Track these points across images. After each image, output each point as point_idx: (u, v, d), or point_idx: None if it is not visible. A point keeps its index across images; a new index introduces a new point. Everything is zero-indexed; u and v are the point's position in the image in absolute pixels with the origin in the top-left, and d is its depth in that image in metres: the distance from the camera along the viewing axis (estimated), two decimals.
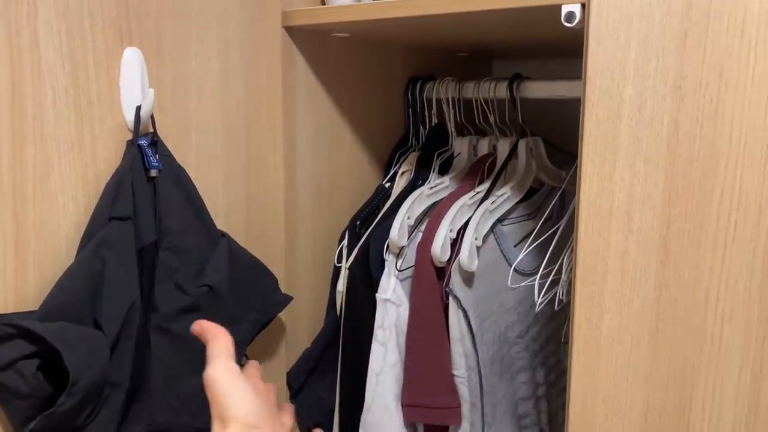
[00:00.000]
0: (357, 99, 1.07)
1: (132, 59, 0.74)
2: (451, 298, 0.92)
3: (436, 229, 0.93)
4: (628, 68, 0.64)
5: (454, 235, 0.93)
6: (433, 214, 0.96)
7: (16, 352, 0.62)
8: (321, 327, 1.04)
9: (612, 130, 0.65)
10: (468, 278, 0.93)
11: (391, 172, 1.10)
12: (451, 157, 1.11)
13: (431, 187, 1.01)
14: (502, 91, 1.05)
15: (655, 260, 0.65)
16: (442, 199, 1.01)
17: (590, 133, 0.67)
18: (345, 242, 1.02)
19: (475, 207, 0.97)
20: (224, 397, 0.57)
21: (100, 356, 0.66)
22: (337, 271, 1.03)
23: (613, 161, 0.66)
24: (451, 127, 1.12)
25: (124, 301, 0.69)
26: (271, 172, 0.92)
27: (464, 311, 0.92)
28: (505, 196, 0.98)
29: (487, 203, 0.96)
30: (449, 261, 0.92)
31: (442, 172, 1.09)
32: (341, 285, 1.00)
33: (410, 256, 0.98)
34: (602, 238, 0.67)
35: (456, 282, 0.92)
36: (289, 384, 0.99)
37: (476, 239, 0.92)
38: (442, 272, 0.94)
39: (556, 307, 0.91)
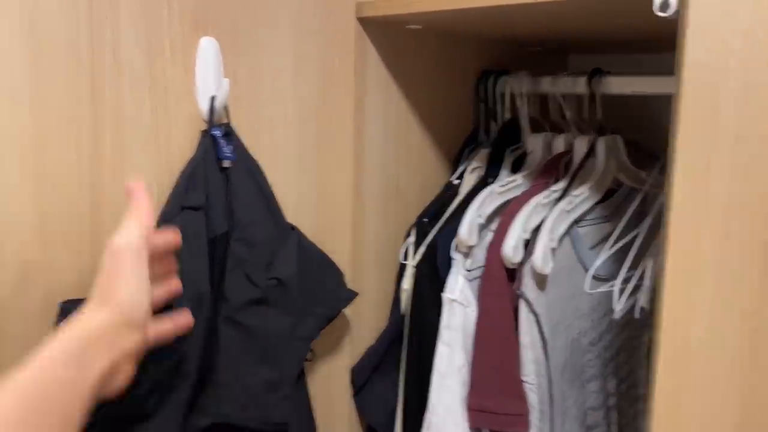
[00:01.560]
0: (427, 93, 1.04)
1: (208, 49, 0.74)
2: (522, 302, 0.88)
3: (509, 228, 0.90)
4: (730, 61, 0.59)
5: (527, 235, 0.90)
6: (505, 213, 0.93)
7: None
8: (385, 324, 1.02)
9: (710, 128, 0.61)
10: (541, 281, 0.89)
11: (460, 169, 1.07)
12: (524, 155, 1.07)
13: (502, 185, 0.98)
14: (580, 86, 1.00)
15: (755, 268, 0.60)
16: (514, 197, 0.97)
17: (685, 132, 0.62)
18: (411, 239, 0.99)
19: (550, 207, 0.93)
20: (119, 277, 0.53)
21: (170, 345, 0.66)
22: (402, 269, 1.01)
23: (710, 162, 0.61)
24: (524, 123, 1.08)
25: (194, 291, 0.68)
26: (340, 166, 0.90)
27: (536, 315, 0.88)
28: (582, 197, 0.94)
29: (563, 203, 0.91)
30: (521, 263, 0.89)
31: (514, 169, 1.05)
32: (407, 283, 0.98)
33: (479, 256, 0.95)
34: (694, 244, 0.62)
35: (528, 285, 0.88)
36: (352, 380, 0.97)
37: (551, 241, 0.88)
38: (512, 274, 0.91)
39: (636, 315, 0.86)
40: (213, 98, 0.73)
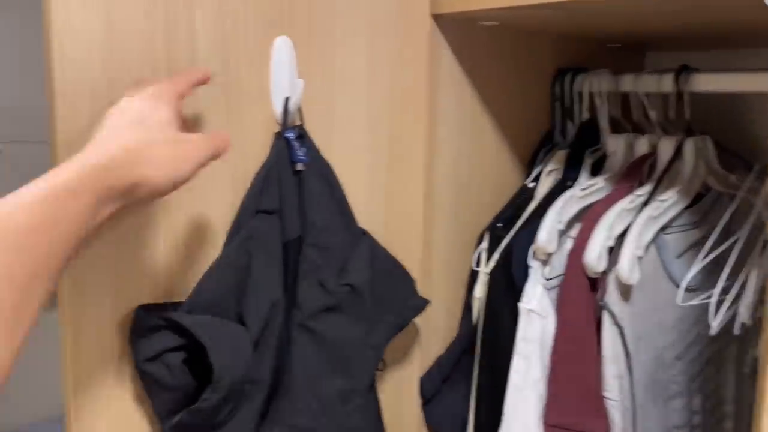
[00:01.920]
0: (501, 93, 1.00)
1: (282, 48, 0.72)
2: (605, 313, 0.83)
3: (591, 235, 0.85)
4: None
5: (611, 242, 0.84)
6: (587, 218, 0.88)
7: (165, 343, 0.62)
8: (456, 333, 0.98)
9: None
10: (625, 292, 0.84)
11: (536, 172, 1.03)
12: (604, 157, 1.02)
13: (583, 189, 0.93)
14: (666, 83, 0.94)
15: None
16: (596, 202, 0.92)
17: None
18: (484, 245, 0.95)
19: (635, 212, 0.87)
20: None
21: (244, 353, 0.64)
22: (474, 276, 0.97)
23: None
24: (603, 123, 1.02)
25: (267, 298, 0.67)
26: (412, 169, 0.87)
27: (620, 328, 0.83)
28: (669, 202, 0.88)
29: (650, 209, 0.86)
30: (605, 271, 0.84)
31: (594, 172, 1.00)
32: (479, 291, 0.94)
33: (557, 264, 0.90)
34: None
35: (612, 295, 0.83)
36: (421, 391, 0.94)
37: (638, 249, 0.83)
38: (594, 283, 0.86)
39: (736, 332, 0.80)
40: (287, 99, 0.71)
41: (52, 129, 0.58)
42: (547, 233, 0.86)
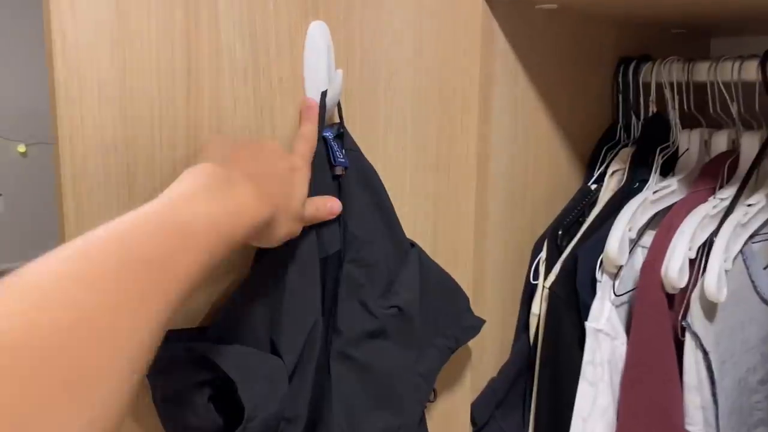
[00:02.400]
0: (559, 84, 0.90)
1: (317, 35, 0.63)
2: (688, 335, 0.73)
3: (670, 245, 0.74)
4: None
5: (693, 254, 0.74)
6: (662, 226, 0.77)
7: (188, 379, 0.53)
8: (510, 353, 0.88)
9: None
10: (710, 310, 0.73)
11: (598, 172, 0.92)
12: (675, 155, 0.91)
13: (656, 192, 0.82)
14: (749, 71, 0.83)
15: None
16: (670, 207, 0.81)
17: None
18: (543, 255, 0.85)
19: (718, 219, 0.76)
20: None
21: (279, 388, 0.55)
22: (531, 290, 0.87)
23: None
24: (675, 117, 0.91)
25: (305, 322, 0.58)
26: (463, 170, 0.78)
27: (704, 352, 0.73)
28: (758, 207, 0.77)
29: (737, 215, 0.75)
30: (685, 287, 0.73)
31: (664, 172, 0.89)
32: (537, 307, 0.84)
33: (627, 277, 0.80)
34: None
35: (696, 315, 0.72)
36: (473, 418, 0.84)
37: (726, 261, 0.72)
38: (671, 299, 0.75)
39: None
40: (324, 93, 0.62)
41: (55, 133, 0.50)
42: (617, 243, 0.76)
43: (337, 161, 0.62)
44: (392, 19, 0.69)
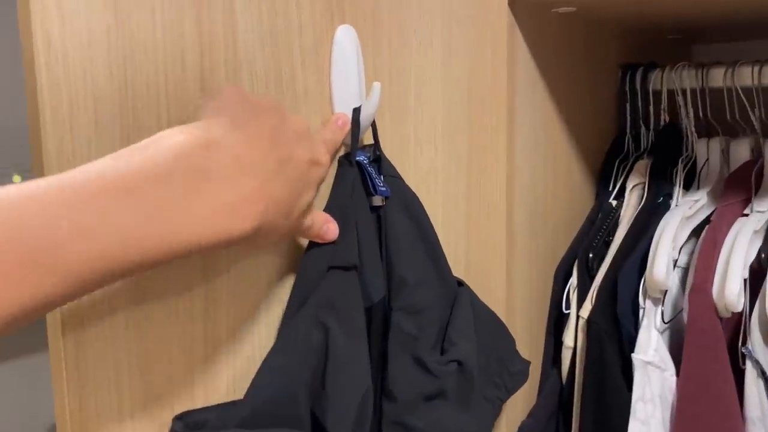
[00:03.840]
0: (571, 93, 0.83)
1: (346, 41, 0.52)
2: (749, 363, 0.66)
3: (717, 264, 0.68)
4: None
5: (746, 274, 0.68)
6: (705, 243, 0.71)
7: None
8: (537, 391, 0.80)
9: None
10: (767, 334, 0.68)
11: (616, 186, 0.86)
12: (692, 165, 0.86)
13: (690, 207, 0.76)
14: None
15: None
16: (707, 223, 0.75)
17: None
18: (573, 281, 0.78)
19: (763, 234, 0.71)
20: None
21: None
22: (557, 319, 0.79)
23: None
24: (690, 125, 0.86)
25: (355, 391, 0.47)
26: (493, 189, 0.69)
27: (766, 381, 0.67)
28: None
29: None
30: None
31: (685, 185, 0.84)
32: (570, 339, 0.76)
33: (669, 301, 0.73)
34: None
35: (756, 340, 0.66)
36: None
37: None
38: (725, 324, 0.69)
39: None
40: (357, 110, 0.52)
41: (38, 166, 0.38)
42: (664, 265, 0.69)
43: (378, 190, 0.52)
44: (421, 19, 0.59)
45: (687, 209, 0.75)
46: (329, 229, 0.47)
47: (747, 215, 0.74)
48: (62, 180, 0.30)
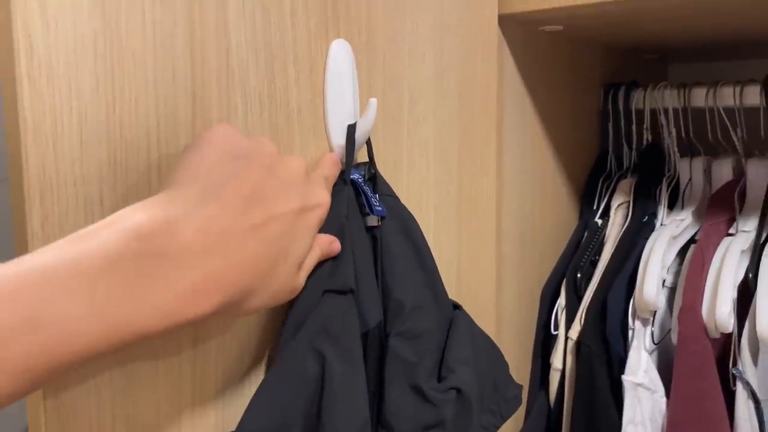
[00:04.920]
0: (557, 111, 0.83)
1: (340, 56, 0.51)
2: (739, 384, 0.66)
3: (705, 284, 0.68)
4: None
5: (735, 294, 0.68)
6: (693, 263, 0.71)
7: None
8: (524, 414, 0.78)
9: None
10: (755, 354, 0.67)
11: (601, 205, 0.85)
12: (675, 185, 0.86)
13: (677, 227, 0.76)
14: (751, 97, 0.80)
15: None
16: (692, 242, 0.75)
17: None
18: (562, 302, 0.77)
19: (750, 253, 0.71)
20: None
21: None
22: (546, 341, 0.78)
23: None
24: (672, 145, 0.87)
25: (352, 423, 0.44)
26: (483, 208, 0.68)
27: (756, 402, 0.66)
28: None
29: None
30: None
31: (669, 204, 0.84)
32: (559, 360, 0.75)
33: (656, 322, 0.73)
34: None
35: (746, 361, 0.66)
36: None
37: None
38: (713, 345, 0.69)
39: None
40: (352, 127, 0.50)
41: (17, 187, 0.34)
42: (654, 285, 0.69)
43: (375, 210, 0.49)
44: (414, 33, 0.58)
45: (674, 228, 0.75)
46: (333, 249, 0.46)
47: (732, 234, 0.74)
48: (8, 269, 0.28)
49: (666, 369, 0.71)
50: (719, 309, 0.65)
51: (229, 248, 0.34)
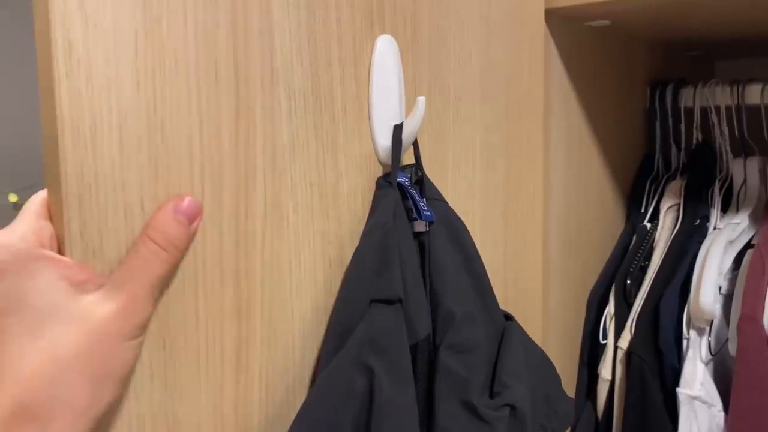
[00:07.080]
0: (602, 109, 0.79)
1: (387, 53, 0.48)
2: None
3: (767, 292, 0.64)
4: None
5: None
6: (753, 269, 0.67)
7: None
8: (570, 427, 0.75)
9: None
10: None
11: (649, 208, 0.82)
12: (728, 186, 0.82)
13: (733, 231, 0.72)
14: None
15: None
16: (749, 247, 0.72)
17: None
18: (611, 309, 0.73)
19: None
20: None
21: None
22: (594, 350, 0.75)
23: None
24: (725, 144, 0.83)
25: None
26: (530, 212, 0.65)
27: None
28: None
29: None
30: None
31: (722, 207, 0.80)
32: (608, 371, 0.72)
33: (716, 332, 0.69)
34: None
35: None
36: None
37: None
38: None
39: None
40: (398, 127, 0.47)
41: (55, 191, 0.33)
42: (711, 293, 0.65)
43: (423, 215, 0.47)
44: (460, 31, 0.55)
45: (730, 232, 0.71)
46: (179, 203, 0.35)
47: None
48: None
49: (723, 381, 0.68)
50: None
51: None
